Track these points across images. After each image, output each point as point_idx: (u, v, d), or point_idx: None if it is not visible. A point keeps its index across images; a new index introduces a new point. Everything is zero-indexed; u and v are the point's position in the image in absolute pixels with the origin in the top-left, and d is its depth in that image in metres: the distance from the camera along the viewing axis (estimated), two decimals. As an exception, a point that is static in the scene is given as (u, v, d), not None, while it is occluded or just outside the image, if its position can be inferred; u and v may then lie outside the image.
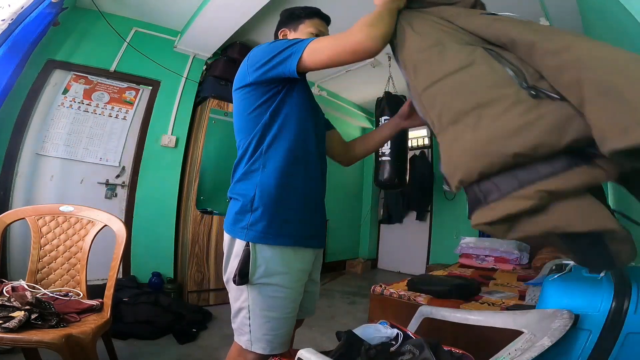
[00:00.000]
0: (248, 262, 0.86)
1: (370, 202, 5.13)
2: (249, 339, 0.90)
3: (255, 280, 0.88)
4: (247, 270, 0.86)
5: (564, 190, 0.53)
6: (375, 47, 0.85)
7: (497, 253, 3.29)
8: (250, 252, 0.87)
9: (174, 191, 2.86)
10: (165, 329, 2.01)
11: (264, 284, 0.89)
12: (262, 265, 0.88)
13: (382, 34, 0.86)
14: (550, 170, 0.54)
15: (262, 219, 0.89)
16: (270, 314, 0.90)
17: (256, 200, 0.90)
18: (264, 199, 0.90)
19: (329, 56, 0.87)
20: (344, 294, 3.35)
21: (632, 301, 0.68)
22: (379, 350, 0.92)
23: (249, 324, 0.90)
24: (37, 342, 0.94)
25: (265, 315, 0.89)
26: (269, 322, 0.90)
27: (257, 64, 0.93)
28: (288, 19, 1.14)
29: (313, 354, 0.72)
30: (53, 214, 1.40)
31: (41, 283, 1.33)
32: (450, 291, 1.95)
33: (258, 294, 0.89)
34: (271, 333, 0.90)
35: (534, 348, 0.61)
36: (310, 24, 1.11)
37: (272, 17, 2.75)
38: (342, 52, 0.86)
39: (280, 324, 0.92)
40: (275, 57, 0.90)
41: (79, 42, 2.54)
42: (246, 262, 0.86)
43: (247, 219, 0.89)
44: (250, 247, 0.87)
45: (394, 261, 4.91)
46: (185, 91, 2.99)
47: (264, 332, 0.90)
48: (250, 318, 0.89)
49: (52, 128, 2.44)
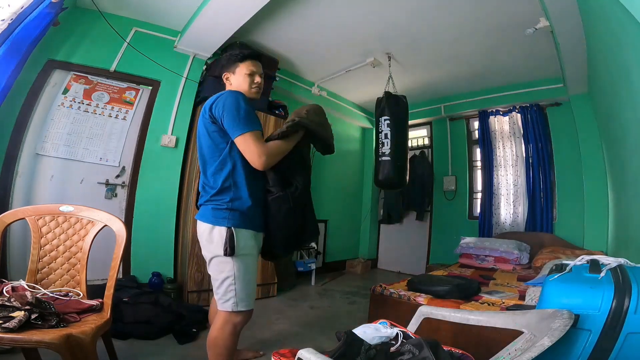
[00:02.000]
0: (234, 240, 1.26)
1: (370, 202, 5.13)
2: (234, 301, 1.26)
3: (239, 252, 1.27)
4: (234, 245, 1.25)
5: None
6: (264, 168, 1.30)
7: (497, 253, 3.29)
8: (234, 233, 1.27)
9: (174, 191, 2.86)
10: (165, 329, 2.00)
11: (244, 254, 1.29)
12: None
13: (273, 163, 1.31)
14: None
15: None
16: (248, 276, 1.30)
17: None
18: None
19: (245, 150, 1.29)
20: (344, 294, 3.35)
21: (632, 301, 0.68)
22: (379, 350, 0.92)
23: (234, 289, 1.26)
24: (37, 342, 0.94)
25: (246, 278, 1.29)
26: (248, 284, 1.30)
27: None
28: (227, 63, 1.46)
29: (313, 354, 0.72)
30: (53, 214, 1.40)
31: (41, 283, 1.33)
32: (450, 291, 1.95)
33: (241, 263, 1.27)
34: (250, 293, 1.32)
35: (534, 348, 0.61)
36: (244, 66, 1.43)
37: (272, 17, 2.75)
38: (249, 157, 1.28)
39: (254, 285, 1.36)
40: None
41: (79, 42, 2.54)
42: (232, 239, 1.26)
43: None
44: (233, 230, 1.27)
45: (394, 261, 4.91)
46: (185, 91, 2.99)
47: (247, 292, 1.29)
48: (235, 283, 1.26)
49: (52, 128, 2.44)
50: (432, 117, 4.63)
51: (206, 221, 1.29)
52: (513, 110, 3.91)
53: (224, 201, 1.27)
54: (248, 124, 1.26)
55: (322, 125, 1.48)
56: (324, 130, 1.48)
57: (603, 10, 1.59)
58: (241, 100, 1.29)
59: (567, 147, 3.50)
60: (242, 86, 1.42)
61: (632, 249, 1.87)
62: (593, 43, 2.18)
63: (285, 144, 1.35)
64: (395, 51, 3.26)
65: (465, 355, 0.94)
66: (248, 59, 1.43)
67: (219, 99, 1.30)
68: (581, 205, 3.28)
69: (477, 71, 3.63)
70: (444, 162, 4.55)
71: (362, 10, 2.65)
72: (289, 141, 1.37)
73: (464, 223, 4.26)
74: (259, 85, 1.45)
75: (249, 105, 1.31)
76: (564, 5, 2.10)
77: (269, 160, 1.28)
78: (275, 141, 1.33)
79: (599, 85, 2.49)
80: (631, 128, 1.67)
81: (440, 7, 2.55)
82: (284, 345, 1.94)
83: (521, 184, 3.82)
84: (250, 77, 1.42)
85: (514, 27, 2.68)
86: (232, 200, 1.28)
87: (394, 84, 3.46)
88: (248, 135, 1.25)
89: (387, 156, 3.10)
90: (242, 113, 1.26)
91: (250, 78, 1.43)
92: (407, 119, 3.35)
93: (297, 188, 1.38)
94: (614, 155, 2.39)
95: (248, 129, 1.25)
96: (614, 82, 1.89)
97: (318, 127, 1.44)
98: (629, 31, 1.29)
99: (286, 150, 1.35)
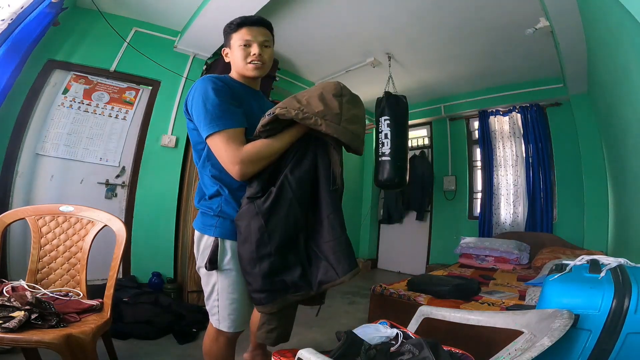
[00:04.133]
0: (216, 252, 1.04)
1: (370, 202, 5.13)
2: (217, 318, 1.07)
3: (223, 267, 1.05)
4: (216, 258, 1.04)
5: None
6: (241, 178, 1.01)
7: (497, 253, 3.29)
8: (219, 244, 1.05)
9: (174, 191, 2.86)
10: (165, 329, 2.00)
11: (230, 269, 1.05)
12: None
13: (254, 171, 1.02)
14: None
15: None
16: (233, 295, 1.06)
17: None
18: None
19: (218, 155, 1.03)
20: (344, 294, 3.35)
21: (632, 301, 0.68)
22: (379, 350, 0.92)
23: (217, 305, 1.06)
24: (37, 342, 0.94)
25: (230, 297, 1.06)
26: (232, 303, 1.06)
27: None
28: (225, 36, 1.19)
29: (313, 354, 0.72)
30: (53, 214, 1.40)
31: (41, 283, 1.33)
32: (450, 291, 1.95)
33: (225, 278, 1.05)
34: (233, 313, 1.07)
35: (534, 348, 0.61)
36: (237, 36, 1.14)
37: (272, 17, 2.75)
38: (222, 164, 1.03)
39: (241, 305, 1.08)
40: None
41: (79, 42, 2.54)
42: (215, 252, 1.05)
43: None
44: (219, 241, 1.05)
45: (394, 261, 4.91)
46: (186, 91, 2.99)
47: (228, 312, 1.06)
48: (218, 300, 1.06)
49: (52, 128, 2.44)
50: (432, 117, 4.63)
51: (196, 227, 1.12)
52: (513, 110, 3.92)
53: (212, 207, 1.08)
54: (215, 121, 0.98)
55: (337, 115, 1.00)
56: (337, 125, 0.99)
57: (603, 10, 1.59)
58: (210, 89, 1.01)
59: (567, 147, 3.50)
60: (237, 63, 1.14)
61: (632, 249, 1.87)
62: (593, 43, 2.18)
63: (273, 144, 1.01)
64: (395, 51, 3.26)
65: (465, 355, 0.94)
66: (243, 27, 1.12)
67: (191, 90, 1.07)
68: (581, 205, 3.28)
69: (477, 71, 3.63)
70: (444, 162, 4.54)
71: (362, 10, 2.64)
72: (279, 140, 1.02)
73: (464, 223, 4.26)
74: (258, 58, 1.12)
75: (222, 94, 1.02)
76: (564, 5, 2.10)
77: (247, 168, 0.98)
78: (260, 141, 1.01)
79: (599, 85, 2.49)
80: (631, 128, 1.67)
81: (440, 7, 2.55)
82: (284, 345, 1.93)
83: (521, 184, 3.82)
84: (244, 48, 1.12)
85: (514, 27, 2.68)
86: (220, 206, 1.06)
87: (394, 84, 3.46)
88: (216, 136, 0.98)
89: (387, 156, 3.10)
90: (209, 107, 0.99)
91: (245, 50, 1.12)
92: (407, 119, 3.35)
93: (271, 195, 0.99)
94: (614, 155, 2.39)
95: (215, 128, 0.98)
96: (613, 82, 1.89)
97: (323, 120, 0.98)
98: (628, 31, 1.29)
99: (275, 152, 1.02)
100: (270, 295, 1.01)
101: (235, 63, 1.16)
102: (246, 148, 0.99)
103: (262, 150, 1.00)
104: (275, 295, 1.01)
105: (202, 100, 1.00)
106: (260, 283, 0.99)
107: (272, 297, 1.01)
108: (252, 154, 0.99)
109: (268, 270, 0.98)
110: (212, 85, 1.02)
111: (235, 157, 0.97)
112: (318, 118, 0.98)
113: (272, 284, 1.00)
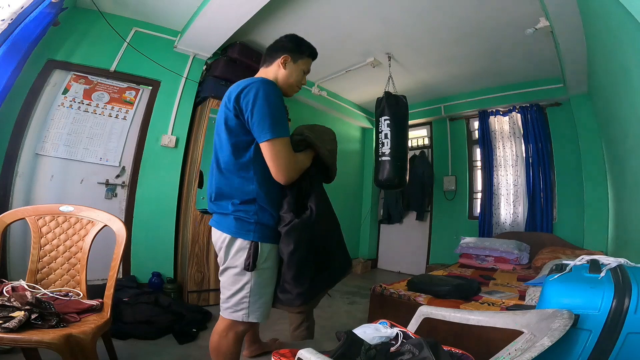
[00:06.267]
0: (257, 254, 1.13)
1: (370, 202, 5.13)
2: (245, 312, 1.15)
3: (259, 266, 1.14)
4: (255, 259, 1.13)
5: None
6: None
7: (497, 253, 3.29)
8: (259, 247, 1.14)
9: (174, 191, 2.86)
10: (165, 329, 2.00)
11: (265, 268, 1.16)
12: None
13: (295, 179, 1.16)
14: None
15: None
16: (265, 289, 1.17)
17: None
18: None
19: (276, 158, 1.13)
20: (344, 294, 3.35)
21: (633, 301, 0.68)
22: (379, 350, 0.92)
23: (248, 301, 1.15)
24: (37, 342, 0.94)
25: (262, 292, 1.16)
26: (262, 297, 1.17)
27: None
28: (295, 48, 1.28)
29: (313, 354, 0.72)
30: (53, 214, 1.40)
31: (41, 283, 1.33)
32: (450, 291, 1.95)
33: (260, 276, 1.15)
34: (264, 304, 1.18)
35: (534, 348, 0.61)
36: (308, 62, 1.31)
37: (272, 17, 2.75)
38: (274, 167, 1.11)
39: (270, 296, 1.20)
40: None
41: (79, 42, 2.54)
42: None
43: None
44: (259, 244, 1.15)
45: (394, 261, 4.91)
46: (185, 91, 2.99)
47: (259, 304, 1.17)
48: (250, 296, 1.15)
49: (52, 128, 2.44)
50: (432, 117, 4.63)
51: (226, 231, 1.14)
52: (513, 110, 3.92)
53: (250, 213, 1.12)
54: (279, 127, 1.06)
55: (331, 152, 1.30)
56: (331, 158, 1.29)
57: (603, 10, 1.59)
58: (275, 94, 1.08)
59: (567, 147, 3.50)
60: (290, 80, 1.25)
61: (632, 249, 1.87)
62: (593, 43, 2.18)
63: (305, 160, 1.19)
64: (395, 51, 3.26)
65: (465, 355, 0.94)
66: (313, 58, 1.33)
67: (250, 87, 1.08)
68: (581, 205, 3.28)
69: (477, 71, 3.63)
70: (444, 162, 4.55)
71: (362, 10, 2.64)
72: (307, 157, 1.21)
73: (464, 223, 4.26)
74: (301, 87, 1.33)
75: (282, 102, 1.11)
76: (564, 5, 2.10)
77: (295, 174, 1.13)
78: (300, 154, 1.19)
79: (598, 85, 2.49)
80: (631, 128, 1.67)
81: (440, 7, 2.55)
82: (284, 345, 1.93)
83: (521, 184, 3.82)
84: (303, 75, 1.30)
85: (514, 27, 2.68)
86: (257, 213, 1.12)
87: (394, 84, 3.46)
88: (278, 141, 1.06)
89: (387, 156, 3.10)
90: (274, 111, 1.06)
91: (302, 76, 1.30)
92: (407, 119, 3.35)
93: (313, 212, 1.15)
94: (614, 155, 2.39)
95: (278, 133, 1.05)
96: (613, 82, 1.89)
97: (325, 150, 1.26)
98: (628, 31, 1.29)
99: (306, 166, 1.19)
100: (312, 294, 1.18)
101: (287, 78, 1.26)
102: (298, 157, 1.15)
103: (303, 162, 1.19)
104: (315, 293, 1.20)
105: (268, 103, 1.06)
106: (307, 285, 1.15)
107: (313, 295, 1.19)
108: (300, 163, 1.16)
109: (315, 273, 1.17)
110: (276, 92, 1.10)
111: (291, 164, 1.10)
112: (326, 151, 1.25)
113: (314, 283, 1.17)
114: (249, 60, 3.01)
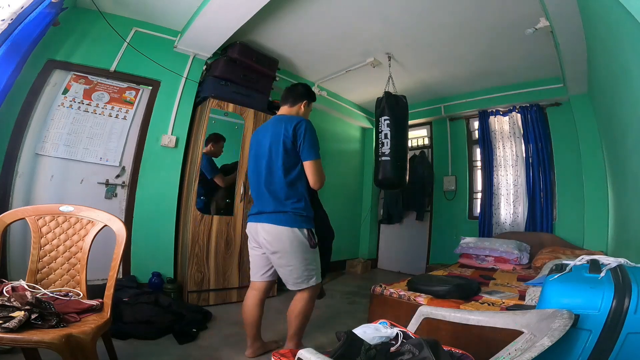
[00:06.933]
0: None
1: (370, 202, 5.13)
2: (316, 278, 1.69)
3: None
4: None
5: None
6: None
7: (497, 253, 3.29)
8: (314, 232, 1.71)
9: (174, 191, 2.86)
10: (165, 329, 2.00)
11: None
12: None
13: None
14: None
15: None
16: (319, 259, 1.74)
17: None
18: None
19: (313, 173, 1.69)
20: (344, 294, 3.35)
21: (633, 301, 0.68)
22: (379, 350, 0.92)
23: (315, 269, 1.69)
24: (37, 342, 0.94)
25: (318, 260, 1.73)
26: (319, 264, 1.73)
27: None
28: (310, 95, 1.86)
29: (313, 354, 0.72)
30: (53, 214, 1.40)
31: (41, 283, 1.33)
32: (450, 291, 1.95)
33: (316, 250, 1.71)
34: (320, 270, 1.74)
35: (534, 348, 0.61)
36: (311, 105, 1.89)
37: (272, 17, 2.75)
38: (314, 178, 1.67)
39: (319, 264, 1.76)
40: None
41: (79, 42, 2.54)
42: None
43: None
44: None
45: (394, 261, 4.91)
46: (185, 91, 2.99)
47: (319, 270, 1.73)
48: (315, 266, 1.69)
49: (52, 128, 2.44)
50: (432, 117, 4.63)
51: (287, 225, 1.60)
52: (513, 110, 3.92)
53: (302, 209, 1.63)
54: (317, 152, 1.66)
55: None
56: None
57: (603, 10, 1.59)
58: (314, 129, 1.68)
59: (567, 147, 3.50)
60: (306, 117, 1.81)
61: (632, 249, 1.87)
62: (593, 43, 2.18)
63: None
64: (395, 51, 3.26)
65: (465, 355, 0.94)
66: (315, 101, 1.94)
67: (302, 123, 1.64)
68: (581, 205, 3.28)
69: (477, 71, 3.63)
70: (444, 162, 4.55)
71: (362, 10, 2.64)
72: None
73: (464, 223, 4.26)
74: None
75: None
76: (564, 5, 2.10)
77: (323, 184, 1.69)
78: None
79: (599, 85, 2.49)
80: (631, 128, 1.67)
81: (440, 7, 2.55)
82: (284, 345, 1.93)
83: (521, 184, 3.82)
84: (310, 112, 1.90)
85: (514, 27, 2.68)
86: (305, 209, 1.64)
87: (394, 84, 3.46)
88: (319, 162, 1.66)
89: (387, 156, 3.10)
90: (316, 142, 1.66)
91: (310, 114, 1.90)
92: (407, 119, 3.35)
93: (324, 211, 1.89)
94: (614, 155, 2.39)
95: (318, 156, 1.66)
96: (614, 82, 1.89)
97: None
98: (628, 31, 1.29)
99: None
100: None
101: (306, 116, 1.83)
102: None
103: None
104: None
105: (315, 137, 1.66)
106: (330, 257, 1.87)
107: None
108: (324, 176, 1.71)
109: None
110: (314, 128, 1.69)
111: (324, 176, 1.69)
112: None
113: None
114: (249, 60, 3.01)
